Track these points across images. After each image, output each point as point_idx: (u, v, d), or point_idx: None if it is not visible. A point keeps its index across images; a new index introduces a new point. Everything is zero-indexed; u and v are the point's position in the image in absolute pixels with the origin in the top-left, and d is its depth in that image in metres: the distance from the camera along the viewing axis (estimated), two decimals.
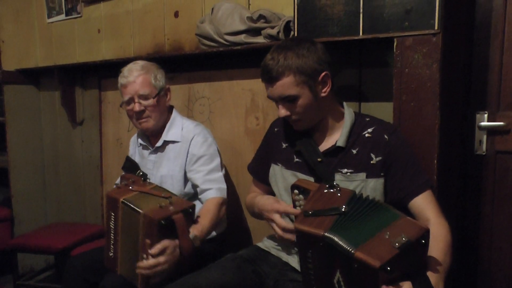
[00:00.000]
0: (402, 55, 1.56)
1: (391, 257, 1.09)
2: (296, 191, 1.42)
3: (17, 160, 3.27)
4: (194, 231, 1.64)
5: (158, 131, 1.99)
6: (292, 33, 1.86)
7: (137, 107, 1.88)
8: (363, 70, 1.87)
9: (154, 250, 1.50)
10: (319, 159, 1.51)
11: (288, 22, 1.89)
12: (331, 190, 1.36)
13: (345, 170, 1.50)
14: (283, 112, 1.50)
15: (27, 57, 3.31)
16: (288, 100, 1.47)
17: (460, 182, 1.84)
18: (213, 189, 1.85)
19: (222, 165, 1.97)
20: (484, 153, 1.80)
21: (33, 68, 3.25)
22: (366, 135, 1.51)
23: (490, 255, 1.83)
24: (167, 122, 2.00)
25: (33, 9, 3.30)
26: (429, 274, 1.21)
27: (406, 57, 1.55)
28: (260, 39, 2.00)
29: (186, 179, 1.95)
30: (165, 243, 1.52)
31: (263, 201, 1.59)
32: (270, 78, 1.46)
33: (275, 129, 1.73)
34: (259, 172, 1.79)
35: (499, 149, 1.77)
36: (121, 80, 1.92)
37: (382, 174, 1.48)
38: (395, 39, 1.56)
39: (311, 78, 1.45)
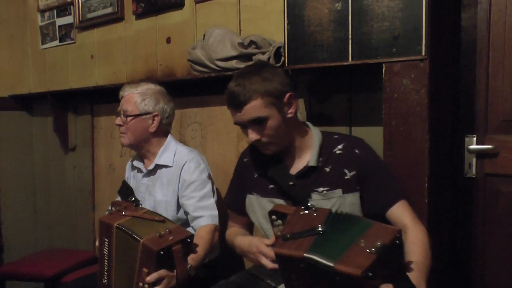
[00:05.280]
0: (391, 80, 1.58)
1: (370, 263, 1.12)
2: (274, 216, 1.42)
3: (7, 186, 3.25)
4: (190, 260, 1.64)
5: (145, 153, 2.02)
6: (282, 59, 1.89)
7: (117, 121, 1.99)
8: (353, 95, 1.90)
9: (150, 278, 1.52)
10: (291, 183, 1.52)
11: (278, 48, 1.92)
12: (307, 212, 1.37)
13: (321, 188, 1.52)
14: (253, 136, 1.49)
15: (20, 83, 3.33)
16: (257, 123, 1.48)
17: (451, 205, 1.85)
18: (204, 217, 1.85)
19: (215, 191, 1.97)
20: (474, 176, 1.81)
21: (26, 94, 3.27)
22: (337, 151, 1.54)
23: (483, 277, 1.82)
24: (160, 147, 2.00)
25: (27, 35, 3.34)
26: (410, 275, 1.24)
27: (395, 83, 1.57)
28: None
29: (179, 205, 1.95)
30: (161, 273, 1.53)
31: (247, 244, 1.54)
32: (238, 104, 1.47)
33: (244, 160, 1.72)
34: (236, 203, 1.76)
35: (489, 171, 1.78)
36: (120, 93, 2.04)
37: (358, 188, 1.51)
38: (383, 65, 1.59)
39: (278, 99, 1.47)
